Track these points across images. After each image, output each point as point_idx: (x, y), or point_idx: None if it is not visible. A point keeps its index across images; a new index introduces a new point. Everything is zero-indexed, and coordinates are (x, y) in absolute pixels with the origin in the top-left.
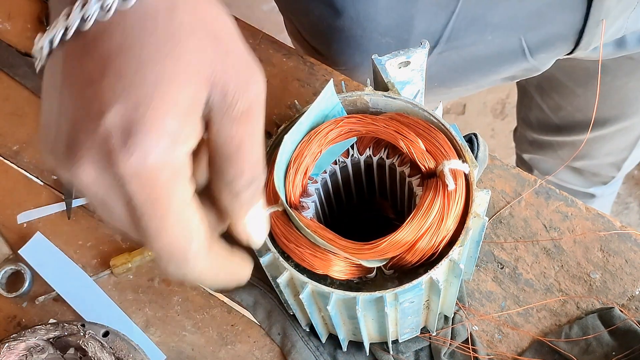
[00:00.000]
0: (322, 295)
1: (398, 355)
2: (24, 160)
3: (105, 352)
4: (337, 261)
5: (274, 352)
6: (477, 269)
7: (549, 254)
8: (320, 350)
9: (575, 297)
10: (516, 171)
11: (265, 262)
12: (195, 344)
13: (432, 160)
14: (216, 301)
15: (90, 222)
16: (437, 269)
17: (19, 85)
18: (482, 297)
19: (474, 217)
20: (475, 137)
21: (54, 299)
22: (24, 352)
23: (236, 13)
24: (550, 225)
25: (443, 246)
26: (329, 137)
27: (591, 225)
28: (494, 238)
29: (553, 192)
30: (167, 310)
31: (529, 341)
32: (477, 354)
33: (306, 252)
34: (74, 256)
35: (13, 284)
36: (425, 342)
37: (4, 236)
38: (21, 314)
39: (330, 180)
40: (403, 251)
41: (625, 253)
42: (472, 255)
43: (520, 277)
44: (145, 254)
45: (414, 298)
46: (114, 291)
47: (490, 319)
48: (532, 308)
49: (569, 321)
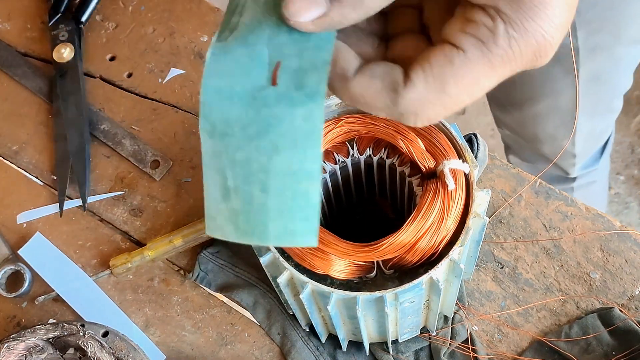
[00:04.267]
0: (322, 295)
1: (398, 355)
2: (23, 160)
3: (104, 352)
4: (337, 261)
5: (273, 352)
6: (477, 269)
7: (549, 253)
8: (320, 350)
9: (575, 297)
10: (516, 171)
11: (265, 261)
12: (195, 344)
13: (432, 160)
14: (216, 301)
15: (90, 222)
16: (437, 268)
17: (19, 85)
18: (482, 297)
19: (474, 217)
20: (475, 137)
21: (53, 299)
22: (24, 352)
23: None
24: (550, 225)
25: (443, 246)
26: (328, 137)
27: (591, 225)
28: (493, 238)
29: (553, 191)
30: (166, 310)
31: (529, 341)
32: (477, 354)
33: (306, 251)
34: (74, 256)
35: (13, 284)
36: (425, 342)
37: (4, 236)
38: (21, 314)
39: (330, 180)
40: (403, 251)
41: (625, 253)
42: (472, 255)
43: (520, 277)
44: (145, 254)
45: (414, 298)
46: (113, 291)
47: (490, 318)
48: (532, 308)
49: (568, 321)
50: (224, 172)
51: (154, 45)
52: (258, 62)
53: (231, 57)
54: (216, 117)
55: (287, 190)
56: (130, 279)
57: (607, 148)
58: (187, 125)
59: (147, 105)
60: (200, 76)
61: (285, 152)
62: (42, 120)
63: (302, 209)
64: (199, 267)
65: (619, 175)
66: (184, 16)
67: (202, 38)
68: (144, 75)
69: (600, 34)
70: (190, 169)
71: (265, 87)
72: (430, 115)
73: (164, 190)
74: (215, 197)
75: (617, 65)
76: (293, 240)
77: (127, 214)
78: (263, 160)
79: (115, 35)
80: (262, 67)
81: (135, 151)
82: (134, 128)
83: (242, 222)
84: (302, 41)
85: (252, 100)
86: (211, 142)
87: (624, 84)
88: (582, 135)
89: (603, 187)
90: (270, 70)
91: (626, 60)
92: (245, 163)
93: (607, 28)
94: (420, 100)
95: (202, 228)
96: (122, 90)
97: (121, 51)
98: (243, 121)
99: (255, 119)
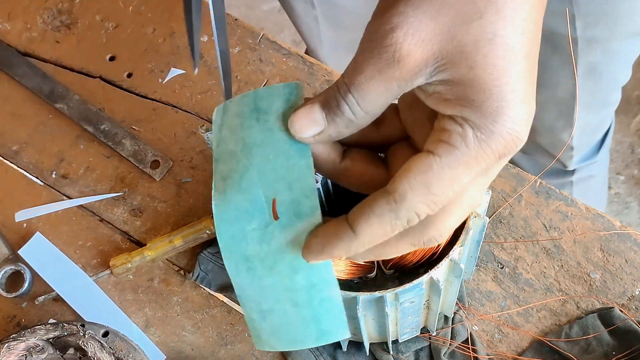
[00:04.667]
0: None
1: (398, 355)
2: (23, 160)
3: (105, 352)
4: (337, 261)
5: (273, 352)
6: (477, 269)
7: (549, 253)
8: (320, 350)
9: (575, 297)
10: (516, 171)
11: None
12: (195, 344)
13: None
14: (216, 301)
15: (90, 222)
16: (438, 268)
17: (19, 85)
18: (482, 297)
19: (474, 217)
20: None
21: (53, 299)
22: (24, 352)
23: (236, 13)
24: (550, 225)
25: (443, 246)
26: None
27: (591, 225)
28: (494, 238)
29: (553, 191)
30: (166, 310)
31: (529, 341)
32: (477, 354)
33: None
34: (74, 256)
35: (13, 284)
36: (425, 342)
37: (4, 236)
38: (21, 314)
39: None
40: None
41: (625, 253)
42: (472, 255)
43: (520, 277)
44: (145, 254)
45: (415, 298)
46: (113, 291)
47: (490, 318)
48: (532, 308)
49: (569, 321)
50: (257, 298)
51: (154, 45)
52: (257, 203)
53: (234, 206)
54: (237, 258)
55: (314, 300)
56: (131, 279)
57: (606, 141)
58: (187, 125)
59: (147, 105)
60: (200, 77)
61: (302, 270)
62: (42, 120)
63: (331, 311)
64: (199, 267)
65: (619, 175)
66: (184, 16)
67: (202, 38)
68: (144, 75)
69: (597, 26)
70: (190, 169)
71: (270, 223)
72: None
73: (164, 191)
74: (254, 319)
75: (615, 58)
76: (330, 339)
77: (127, 214)
78: (286, 282)
79: (115, 35)
80: (262, 207)
81: (136, 151)
82: (134, 128)
83: (284, 334)
84: (287, 176)
85: (262, 236)
86: (239, 278)
87: (622, 77)
88: (579, 127)
89: (603, 182)
90: (270, 208)
91: (624, 53)
92: (272, 288)
93: (604, 21)
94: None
95: (201, 228)
96: (122, 90)
97: (121, 51)
98: (260, 255)
99: (269, 251)
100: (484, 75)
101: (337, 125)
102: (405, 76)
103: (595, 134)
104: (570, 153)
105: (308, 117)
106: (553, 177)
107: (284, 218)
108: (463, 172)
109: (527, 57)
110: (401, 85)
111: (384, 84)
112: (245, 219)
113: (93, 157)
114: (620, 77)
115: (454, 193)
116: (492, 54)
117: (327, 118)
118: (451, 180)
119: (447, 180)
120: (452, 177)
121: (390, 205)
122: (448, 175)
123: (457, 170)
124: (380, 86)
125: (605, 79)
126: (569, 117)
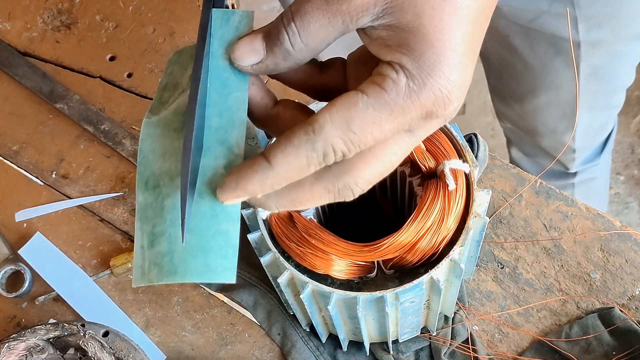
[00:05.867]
0: (322, 295)
1: (398, 355)
2: (23, 160)
3: (105, 352)
4: (337, 261)
5: (274, 352)
6: (477, 269)
7: (549, 253)
8: (320, 350)
9: (575, 297)
10: (516, 171)
11: (266, 261)
12: (195, 344)
13: (432, 160)
14: (216, 301)
15: (90, 222)
16: (438, 268)
17: (19, 85)
18: (482, 297)
19: (475, 217)
20: (475, 137)
21: (53, 299)
22: (24, 352)
23: None
24: (550, 225)
25: (444, 246)
26: None
27: (591, 225)
28: (494, 238)
29: (553, 192)
30: (167, 310)
31: (529, 341)
32: (477, 353)
33: (307, 251)
34: (74, 256)
35: (13, 284)
36: (425, 342)
37: (4, 236)
38: (21, 314)
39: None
40: (404, 251)
41: (625, 253)
42: (472, 255)
43: (520, 277)
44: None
45: (415, 298)
46: (114, 291)
47: (490, 318)
48: (532, 308)
49: (569, 321)
50: (153, 220)
51: (154, 45)
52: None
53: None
54: (149, 173)
55: (209, 230)
56: (131, 279)
57: (608, 144)
58: None
59: (147, 105)
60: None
61: (208, 197)
62: (42, 120)
63: (222, 248)
64: None
65: (619, 175)
66: (184, 16)
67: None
68: (144, 75)
69: (600, 29)
70: None
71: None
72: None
73: None
74: (142, 245)
75: (618, 61)
76: (212, 277)
77: (127, 214)
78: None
79: (115, 35)
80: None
81: (136, 151)
82: (134, 128)
83: (167, 262)
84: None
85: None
86: (143, 196)
87: (626, 80)
88: (581, 129)
89: (604, 184)
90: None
91: (627, 56)
92: (172, 208)
93: (607, 23)
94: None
95: None
96: (122, 90)
97: (121, 51)
98: (172, 173)
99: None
100: (428, 26)
101: (275, 56)
102: (352, 11)
103: (597, 137)
104: (572, 155)
105: (249, 45)
106: (555, 179)
107: (208, 141)
108: (386, 118)
109: (474, 23)
110: (345, 21)
111: (329, 17)
112: (171, 137)
113: (93, 157)
114: (624, 80)
115: (373, 138)
116: (440, 8)
117: (266, 48)
118: (372, 122)
119: (368, 121)
120: (374, 119)
121: (308, 135)
122: (371, 116)
123: (380, 113)
124: (324, 18)
125: (608, 81)
126: (572, 119)
